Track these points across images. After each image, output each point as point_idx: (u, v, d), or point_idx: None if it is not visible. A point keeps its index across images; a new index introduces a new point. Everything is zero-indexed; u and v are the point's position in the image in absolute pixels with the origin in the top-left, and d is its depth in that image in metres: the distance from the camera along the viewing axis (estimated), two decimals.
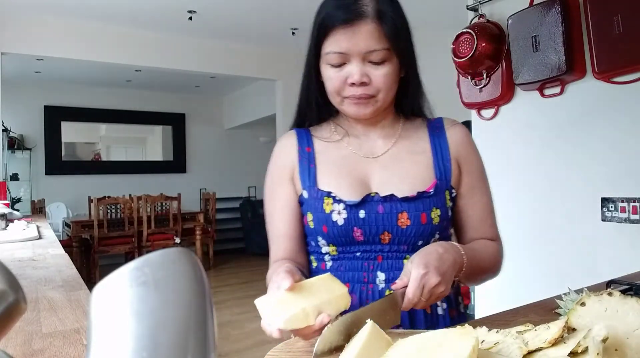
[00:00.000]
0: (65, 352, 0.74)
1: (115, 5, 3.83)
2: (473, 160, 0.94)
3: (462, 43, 2.16)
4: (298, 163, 0.93)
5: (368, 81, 0.83)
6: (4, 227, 2.46)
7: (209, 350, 0.24)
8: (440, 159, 0.90)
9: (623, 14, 1.76)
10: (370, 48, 0.81)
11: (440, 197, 0.87)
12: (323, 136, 0.96)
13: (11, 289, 0.30)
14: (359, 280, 0.87)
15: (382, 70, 0.83)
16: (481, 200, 0.93)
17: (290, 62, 5.29)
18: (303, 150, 0.94)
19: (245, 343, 3.43)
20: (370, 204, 0.85)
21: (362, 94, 0.84)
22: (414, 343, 0.54)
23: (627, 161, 1.86)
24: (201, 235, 5.79)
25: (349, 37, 0.81)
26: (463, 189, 0.92)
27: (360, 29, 0.80)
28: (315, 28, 0.86)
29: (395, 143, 0.92)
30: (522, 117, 2.19)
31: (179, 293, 0.25)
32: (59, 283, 1.23)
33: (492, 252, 0.91)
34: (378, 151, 0.92)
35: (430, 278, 0.71)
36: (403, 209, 0.85)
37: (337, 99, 0.87)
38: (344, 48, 0.82)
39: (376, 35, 0.81)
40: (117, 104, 6.83)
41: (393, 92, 0.88)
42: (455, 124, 0.96)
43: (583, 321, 0.57)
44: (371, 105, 0.86)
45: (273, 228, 0.95)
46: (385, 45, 0.81)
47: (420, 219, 0.85)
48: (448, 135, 0.93)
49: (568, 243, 2.03)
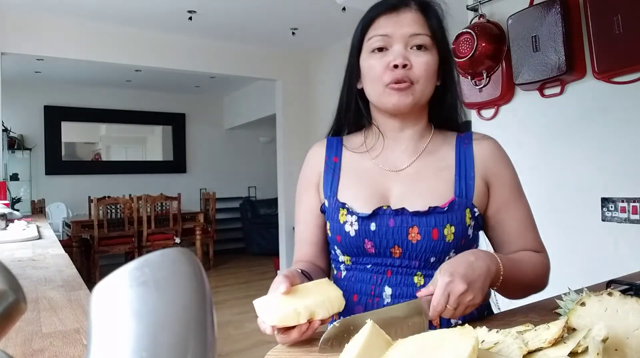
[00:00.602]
0: (65, 352, 0.74)
1: (116, 5, 3.83)
2: (505, 174, 0.91)
3: (462, 43, 2.16)
4: (323, 172, 0.96)
5: (409, 64, 0.84)
6: (4, 227, 2.46)
7: (209, 350, 0.24)
8: (463, 176, 0.88)
9: (623, 14, 1.76)
10: (414, 31, 0.84)
11: (457, 214, 0.84)
12: (352, 146, 0.97)
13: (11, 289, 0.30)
14: (366, 292, 0.87)
15: (423, 57, 0.84)
16: (517, 214, 0.90)
17: (290, 62, 5.30)
18: (330, 160, 0.97)
19: (245, 343, 3.43)
20: (382, 218, 0.85)
21: (403, 77, 0.83)
22: (414, 343, 0.54)
23: (627, 161, 1.86)
24: (201, 235, 5.79)
25: (393, 22, 0.85)
26: (497, 205, 0.90)
27: (405, 15, 0.85)
28: (359, 24, 0.90)
29: (419, 157, 0.91)
30: (522, 117, 2.19)
31: (179, 293, 0.25)
32: (59, 283, 1.23)
33: (535, 263, 0.88)
34: (401, 165, 0.91)
35: (455, 286, 0.69)
36: (414, 223, 0.84)
37: (379, 89, 0.86)
38: (388, 31, 0.85)
39: (420, 22, 0.85)
40: (117, 104, 6.83)
41: (430, 88, 0.87)
42: (484, 138, 0.93)
43: (583, 321, 0.57)
44: (411, 94, 0.85)
45: (298, 231, 1.00)
46: (427, 32, 0.85)
47: (432, 235, 0.83)
48: (475, 151, 0.90)
49: (568, 243, 2.03)
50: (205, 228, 6.05)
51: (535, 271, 0.87)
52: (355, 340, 0.56)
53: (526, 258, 0.87)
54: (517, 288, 0.85)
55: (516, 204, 0.90)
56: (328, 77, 5.06)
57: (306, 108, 5.39)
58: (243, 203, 7.31)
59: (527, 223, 0.91)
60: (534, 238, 0.91)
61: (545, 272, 0.90)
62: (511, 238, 0.90)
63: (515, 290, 0.86)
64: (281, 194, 5.36)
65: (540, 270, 0.88)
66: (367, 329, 0.57)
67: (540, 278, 0.89)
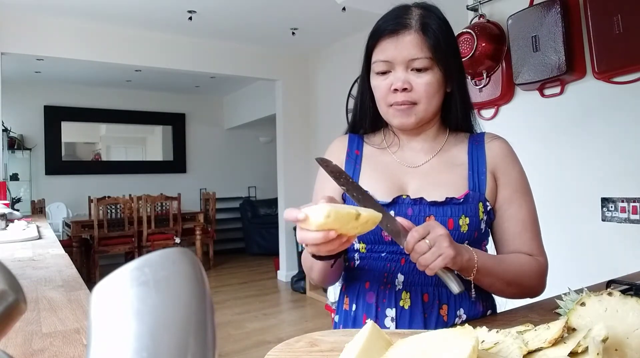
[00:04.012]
0: (65, 352, 0.74)
1: (115, 6, 3.83)
2: (511, 173, 0.94)
3: (462, 43, 2.16)
4: (345, 163, 0.99)
5: (410, 87, 0.88)
6: (4, 227, 2.46)
7: (209, 350, 0.24)
8: (476, 172, 0.92)
9: (623, 14, 1.76)
10: (412, 56, 0.87)
11: (471, 206, 0.88)
12: (373, 142, 1.02)
13: (11, 289, 0.30)
14: (379, 279, 0.90)
15: (423, 78, 0.88)
16: (518, 213, 0.92)
17: (290, 62, 5.30)
18: (352, 152, 1.00)
19: (245, 343, 3.43)
20: (400, 206, 0.89)
21: (404, 101, 0.88)
22: (414, 343, 0.54)
23: (627, 161, 1.86)
24: (201, 235, 5.79)
25: (394, 46, 0.88)
26: (500, 202, 0.92)
27: (404, 39, 0.87)
28: (366, 43, 0.93)
29: (435, 155, 0.96)
30: (522, 117, 2.19)
31: (179, 293, 0.25)
32: (59, 283, 1.23)
33: (522, 263, 0.88)
34: (418, 162, 0.96)
35: (436, 227, 0.74)
36: (431, 213, 0.87)
37: (384, 109, 0.92)
38: (389, 56, 0.88)
39: (419, 45, 0.87)
40: (117, 104, 6.83)
41: (435, 104, 0.91)
42: (495, 138, 0.97)
43: (583, 321, 0.57)
44: (413, 114, 0.90)
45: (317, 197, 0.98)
46: (427, 54, 0.87)
47: (447, 224, 0.85)
48: (487, 148, 0.95)
49: (568, 243, 2.03)
50: (205, 228, 6.05)
51: (521, 270, 0.87)
52: (355, 340, 0.56)
53: (512, 257, 0.89)
54: (497, 283, 0.86)
55: (519, 204, 0.92)
56: (328, 77, 5.06)
57: (306, 108, 5.39)
58: (243, 203, 7.31)
59: (527, 224, 0.92)
60: (531, 239, 0.91)
61: (536, 275, 0.89)
62: (509, 236, 0.92)
63: (495, 285, 0.86)
64: (281, 194, 5.36)
65: (529, 271, 0.88)
66: (367, 329, 0.57)
67: (528, 279, 0.88)
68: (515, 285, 0.88)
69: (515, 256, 0.90)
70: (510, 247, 0.92)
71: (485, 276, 0.82)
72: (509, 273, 0.86)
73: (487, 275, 0.82)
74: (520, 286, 0.88)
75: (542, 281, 0.91)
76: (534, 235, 0.92)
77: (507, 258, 0.89)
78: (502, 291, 0.89)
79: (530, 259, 0.90)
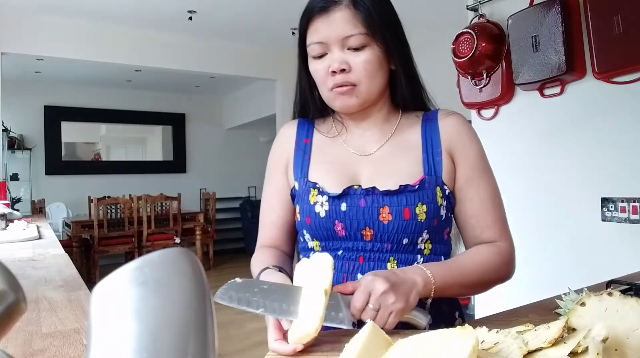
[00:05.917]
0: (65, 352, 0.74)
1: (115, 5, 3.83)
2: (468, 150, 0.88)
3: (462, 43, 2.15)
4: (293, 154, 0.94)
5: (348, 68, 0.82)
6: (4, 227, 2.46)
7: (209, 350, 0.24)
8: (431, 154, 0.86)
9: (623, 14, 1.76)
10: (346, 33, 0.81)
11: (428, 193, 0.82)
12: (323, 130, 0.96)
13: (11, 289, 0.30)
14: (339, 281, 0.82)
15: (361, 57, 0.82)
16: (479, 194, 0.86)
17: (290, 62, 5.24)
18: (301, 141, 0.95)
19: (245, 343, 3.43)
20: (352, 198, 0.84)
21: (343, 82, 0.83)
22: (414, 343, 0.54)
23: (627, 161, 1.86)
24: (201, 235, 5.79)
25: (326, 25, 0.82)
26: (459, 183, 0.87)
27: (335, 16, 0.82)
28: (299, 22, 0.88)
29: (388, 140, 0.90)
30: (522, 117, 2.19)
31: (178, 293, 0.25)
32: (59, 283, 1.23)
33: (483, 260, 0.83)
34: (371, 149, 0.90)
35: (377, 285, 0.68)
36: (385, 203, 0.82)
37: (325, 93, 0.87)
38: (322, 37, 0.83)
39: (352, 21, 0.81)
40: (117, 104, 6.83)
41: (378, 83, 0.86)
42: (449, 114, 0.91)
43: (583, 321, 0.57)
44: (354, 96, 0.84)
45: (263, 213, 0.99)
46: (361, 30, 0.81)
47: (403, 214, 0.81)
48: (440, 126, 0.89)
49: (568, 243, 2.03)
50: (205, 228, 6.05)
51: (484, 268, 0.83)
52: (355, 340, 0.56)
53: (471, 256, 0.84)
54: (462, 290, 0.82)
55: (478, 184, 0.87)
56: None
57: None
58: (243, 203, 7.31)
59: (488, 206, 0.86)
60: (493, 223, 0.86)
61: (500, 265, 0.84)
62: (471, 220, 0.87)
63: (460, 292, 0.83)
64: None
65: (492, 265, 0.83)
66: (367, 329, 0.57)
67: (494, 273, 0.84)
68: (480, 285, 0.85)
69: (475, 253, 0.85)
70: (471, 232, 0.87)
71: (447, 290, 0.77)
72: (472, 276, 0.81)
73: (448, 288, 0.77)
74: (486, 283, 0.85)
75: (509, 268, 0.86)
76: (497, 218, 0.87)
77: (466, 260, 0.83)
78: (469, 294, 0.87)
79: (491, 250, 0.85)
